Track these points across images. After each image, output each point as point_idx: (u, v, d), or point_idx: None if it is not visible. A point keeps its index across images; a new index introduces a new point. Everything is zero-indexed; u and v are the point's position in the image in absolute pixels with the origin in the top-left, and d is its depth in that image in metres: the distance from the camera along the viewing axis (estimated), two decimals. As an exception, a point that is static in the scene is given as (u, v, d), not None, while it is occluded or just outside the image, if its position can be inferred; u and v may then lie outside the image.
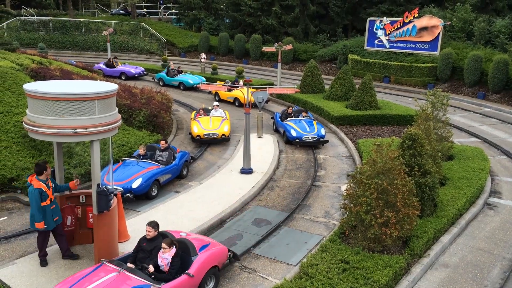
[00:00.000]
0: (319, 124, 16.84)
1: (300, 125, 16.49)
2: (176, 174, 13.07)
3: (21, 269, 8.24)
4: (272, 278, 8.58)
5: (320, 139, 15.96)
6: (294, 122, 16.74)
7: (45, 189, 8.05)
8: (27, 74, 16.77)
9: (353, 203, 8.90)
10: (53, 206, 8.26)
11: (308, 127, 16.34)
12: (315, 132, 16.02)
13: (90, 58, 35.78)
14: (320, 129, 16.27)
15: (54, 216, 8.28)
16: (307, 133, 15.95)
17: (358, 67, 30.34)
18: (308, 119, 16.97)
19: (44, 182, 8.11)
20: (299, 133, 15.97)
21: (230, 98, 22.70)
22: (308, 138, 15.82)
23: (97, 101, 7.47)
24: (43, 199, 8.03)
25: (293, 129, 16.27)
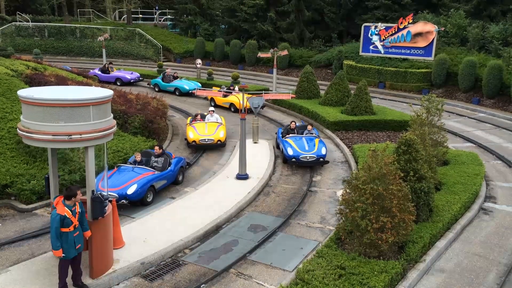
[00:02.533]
0: (321, 142, 15.33)
1: (299, 142, 15.12)
2: (172, 180, 13.03)
3: (15, 277, 8.16)
4: (268, 284, 8.54)
5: (320, 159, 14.55)
6: (294, 139, 15.40)
7: (69, 215, 7.48)
8: (21, 80, 16.71)
9: (349, 209, 8.90)
10: (77, 233, 7.66)
11: (307, 145, 14.91)
12: (314, 151, 14.61)
13: (85, 64, 35.73)
14: (321, 148, 14.79)
15: (77, 244, 7.69)
16: (305, 152, 14.55)
17: (353, 72, 30.46)
18: (310, 136, 15.64)
19: (70, 208, 7.55)
20: (296, 152, 14.60)
21: (226, 104, 22.71)
22: (306, 157, 14.42)
23: (92, 107, 7.45)
24: (66, 225, 7.47)
25: (291, 146, 14.88)
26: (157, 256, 9.14)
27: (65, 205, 7.51)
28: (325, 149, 14.88)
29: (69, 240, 7.54)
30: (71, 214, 7.52)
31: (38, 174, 11.92)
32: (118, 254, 9.03)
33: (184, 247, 9.76)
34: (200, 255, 9.49)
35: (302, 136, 15.68)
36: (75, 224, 7.61)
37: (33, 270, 8.37)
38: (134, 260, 8.89)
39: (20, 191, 11.39)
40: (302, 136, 15.62)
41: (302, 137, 15.54)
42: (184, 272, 8.87)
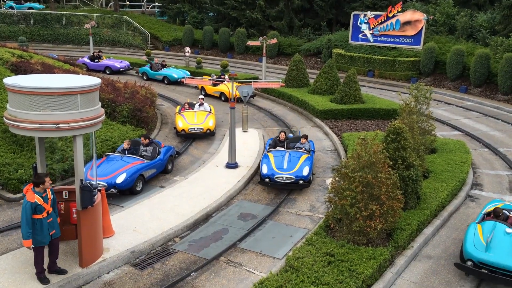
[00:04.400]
0: (308, 159, 12.63)
1: (279, 159, 12.56)
2: (161, 169, 12.99)
3: (3, 266, 8.11)
4: (258, 272, 8.60)
5: (299, 182, 11.92)
6: (276, 154, 12.89)
7: (40, 202, 7.42)
8: (7, 68, 16.42)
9: (338, 197, 8.96)
10: (50, 219, 7.62)
11: (286, 163, 12.33)
12: (293, 171, 12.00)
13: (72, 52, 35.20)
14: (303, 168, 12.13)
15: (51, 230, 7.65)
16: (282, 172, 11.94)
17: (342, 61, 30.47)
18: (298, 151, 13.09)
19: (40, 194, 7.49)
20: (271, 170, 12.04)
21: (216, 93, 22.54)
22: (281, 178, 11.86)
23: (79, 96, 7.36)
24: (38, 212, 7.41)
25: (267, 163, 12.36)
26: (147, 244, 9.14)
27: (35, 192, 7.47)
28: (308, 169, 12.12)
29: (43, 227, 7.51)
30: (42, 200, 7.48)
31: (25, 163, 11.79)
32: (108, 243, 9.01)
33: (174, 235, 9.77)
34: (190, 244, 9.51)
35: (288, 150, 13.07)
36: (48, 210, 7.59)
37: (22, 260, 8.32)
38: (124, 249, 8.89)
39: (8, 180, 11.26)
40: (288, 151, 12.99)
41: (286, 152, 12.93)
42: (174, 261, 8.89)
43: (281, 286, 7.33)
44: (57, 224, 7.83)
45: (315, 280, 7.51)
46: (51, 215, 7.68)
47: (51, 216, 7.69)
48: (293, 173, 11.99)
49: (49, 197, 7.64)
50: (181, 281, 8.24)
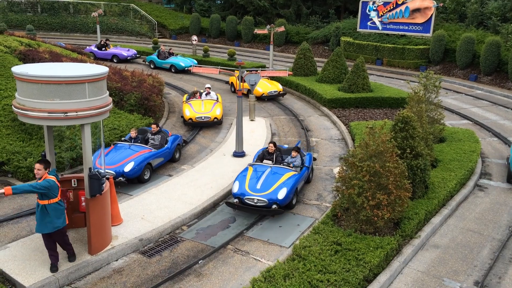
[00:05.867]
0: (290, 179, 10.53)
1: (256, 176, 10.76)
2: (169, 157, 13.03)
3: (14, 253, 8.22)
4: (265, 260, 8.65)
5: (272, 206, 9.96)
6: (256, 169, 11.10)
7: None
8: (15, 57, 16.48)
9: (345, 186, 8.95)
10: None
11: (261, 183, 10.43)
12: (266, 193, 10.09)
13: (79, 40, 35.23)
14: (279, 190, 10.13)
15: None
16: (254, 193, 10.14)
17: (350, 49, 30.20)
18: (283, 167, 11.09)
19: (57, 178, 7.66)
20: (242, 190, 10.27)
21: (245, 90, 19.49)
22: (252, 200, 10.06)
23: (87, 84, 7.37)
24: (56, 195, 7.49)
25: (242, 180, 10.62)
26: (155, 232, 9.21)
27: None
28: (285, 191, 10.12)
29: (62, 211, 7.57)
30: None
31: (34, 151, 11.89)
32: (117, 231, 9.09)
33: (182, 224, 9.83)
34: (198, 232, 9.57)
35: (273, 166, 11.21)
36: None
37: (31, 247, 8.42)
38: (133, 237, 8.97)
39: (17, 168, 11.37)
40: (272, 167, 11.14)
41: (269, 168, 11.08)
42: (182, 248, 8.96)
43: (288, 274, 7.37)
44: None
45: (322, 268, 7.53)
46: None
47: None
48: (266, 195, 10.06)
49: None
50: (188, 268, 8.31)
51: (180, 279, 8.01)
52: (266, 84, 20.86)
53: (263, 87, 20.55)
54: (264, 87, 20.62)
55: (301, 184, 11.20)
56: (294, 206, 10.73)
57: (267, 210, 10.00)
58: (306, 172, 11.56)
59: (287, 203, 10.33)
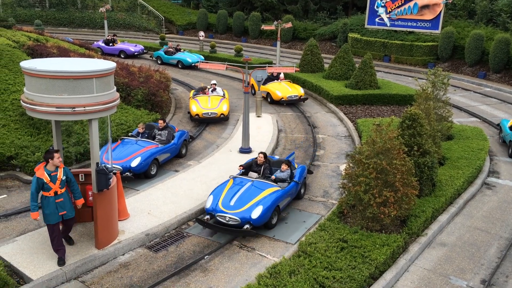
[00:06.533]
0: (270, 197, 9.48)
1: (233, 190, 9.76)
2: (175, 153, 13.06)
3: (22, 247, 8.30)
4: (271, 256, 8.66)
5: (244, 226, 8.99)
6: (236, 182, 10.11)
7: (46, 180, 7.48)
8: (23, 52, 16.57)
9: (352, 183, 8.92)
10: (60, 199, 7.64)
11: (235, 200, 9.45)
12: (240, 211, 9.14)
13: (87, 36, 35.35)
14: (254, 209, 9.14)
15: (61, 210, 7.67)
16: (226, 211, 9.21)
17: (358, 45, 30.04)
18: (266, 182, 10.06)
19: (49, 173, 7.53)
20: (215, 206, 9.38)
21: (263, 93, 19.29)
22: (224, 217, 9.17)
23: (95, 79, 7.39)
24: (45, 189, 7.52)
25: (217, 194, 9.71)
26: (161, 227, 9.25)
27: (45, 170, 7.55)
28: (260, 210, 9.08)
29: (50, 205, 7.58)
30: (49, 179, 7.52)
31: (42, 146, 11.96)
32: (123, 225, 9.14)
33: (188, 219, 9.85)
34: (204, 227, 9.59)
35: (255, 180, 10.16)
36: (56, 190, 7.58)
37: (39, 240, 8.49)
38: (139, 232, 9.01)
39: (25, 162, 11.45)
40: (254, 181, 10.10)
41: (249, 182, 10.05)
42: (188, 244, 8.99)
43: (293, 270, 7.37)
44: (69, 205, 7.84)
45: (328, 265, 7.52)
46: (61, 196, 7.67)
47: (61, 196, 7.67)
48: (239, 213, 9.08)
49: (58, 177, 7.60)
50: (194, 264, 8.33)
51: (186, 274, 8.04)
52: (286, 88, 19.31)
53: (283, 91, 18.99)
54: (284, 90, 19.07)
55: (286, 201, 10.06)
56: (274, 226, 9.57)
57: (237, 231, 8.99)
58: (294, 188, 10.32)
59: (263, 223, 9.20)
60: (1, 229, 9.23)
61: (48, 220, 7.68)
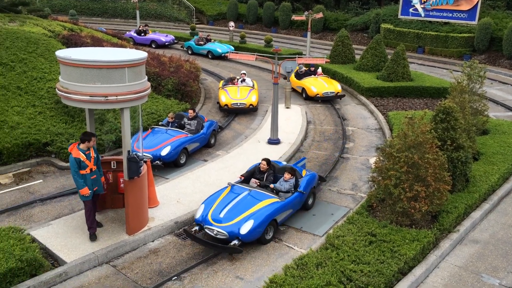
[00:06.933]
0: (265, 210, 8.59)
1: (226, 201, 8.94)
2: (204, 143, 13.17)
3: (56, 230, 8.58)
4: (298, 248, 8.65)
5: (232, 242, 8.18)
6: (232, 191, 9.27)
7: (83, 158, 7.92)
8: (59, 41, 16.98)
9: (381, 176, 8.79)
10: (94, 176, 8.15)
11: (226, 211, 8.61)
12: (230, 224, 8.32)
13: (119, 26, 35.92)
14: (245, 223, 8.28)
15: (94, 186, 8.18)
16: (214, 224, 8.42)
17: (391, 36, 29.39)
18: (264, 193, 9.14)
19: (84, 152, 7.97)
20: (204, 217, 8.63)
21: (298, 88, 19.02)
22: (212, 230, 8.39)
23: (127, 69, 7.50)
24: (82, 168, 7.95)
25: (208, 204, 8.95)
26: (190, 216, 9.36)
27: (79, 150, 7.96)
28: (250, 224, 8.24)
29: (87, 182, 8.03)
30: (85, 157, 7.97)
31: (76, 133, 12.27)
32: (153, 213, 9.31)
33: (216, 208, 9.92)
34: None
35: (252, 189, 9.26)
36: (91, 167, 8.08)
37: (73, 225, 8.76)
38: (168, 219, 9.16)
39: (60, 149, 11.79)
40: (251, 190, 9.20)
41: (245, 191, 9.16)
42: (215, 233, 9.06)
43: (320, 263, 7.34)
44: (100, 181, 8.36)
45: (356, 259, 7.46)
46: (94, 173, 8.17)
47: (95, 173, 8.19)
48: (227, 227, 8.27)
49: (92, 155, 8.09)
50: (222, 252, 8.40)
51: (213, 262, 8.13)
52: (322, 84, 18.37)
53: (318, 86, 18.08)
54: (320, 86, 18.14)
55: (286, 214, 9.10)
56: (268, 242, 8.69)
57: (222, 247, 8.11)
58: (298, 199, 9.37)
59: (254, 239, 8.36)
60: (37, 213, 9.57)
61: (86, 197, 8.07)
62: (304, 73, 19.09)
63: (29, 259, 7.16)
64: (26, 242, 7.55)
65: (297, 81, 18.94)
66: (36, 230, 8.54)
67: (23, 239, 7.62)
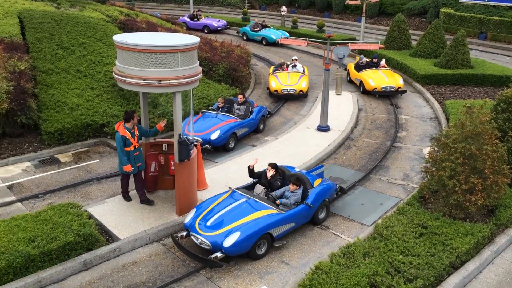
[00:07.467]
0: (257, 222, 7.66)
1: (216, 209, 8.13)
2: (253, 128, 13.24)
3: (111, 208, 8.98)
4: (344, 236, 8.56)
5: (213, 255, 7.35)
6: (231, 196, 8.55)
7: (129, 137, 8.54)
8: (116, 26, 17.55)
9: (435, 167, 8.47)
10: (137, 153, 8.78)
11: (213, 220, 7.86)
12: (215, 234, 7.56)
13: (173, 11, 36.58)
14: (231, 234, 7.44)
15: (137, 162, 8.83)
16: (200, 232, 7.70)
17: (450, 21, 27.99)
18: (260, 202, 8.20)
19: (129, 130, 8.58)
20: (193, 224, 7.93)
21: (357, 81, 17.87)
22: (197, 239, 7.73)
23: (180, 54, 7.64)
24: (127, 145, 8.57)
25: (200, 210, 8.21)
26: (237, 200, 9.45)
27: (126, 128, 8.58)
28: (235, 237, 7.35)
29: (130, 158, 8.68)
30: (130, 135, 8.58)
31: (130, 116, 12.69)
32: (202, 195, 9.50)
33: (263, 193, 9.98)
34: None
35: (250, 197, 8.37)
36: (135, 144, 8.67)
37: (126, 203, 9.13)
38: (216, 202, 9.30)
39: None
40: (249, 198, 8.33)
41: (243, 199, 8.33)
42: (262, 217, 9.12)
43: (368, 252, 7.23)
44: (142, 157, 9.02)
45: (405, 250, 7.28)
46: (137, 149, 8.80)
47: (138, 150, 8.82)
48: (212, 237, 7.53)
49: (136, 133, 8.70)
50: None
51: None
52: (382, 77, 16.76)
53: (377, 80, 16.57)
54: (378, 79, 16.60)
55: (285, 228, 8.11)
56: (260, 257, 7.76)
57: (202, 259, 7.38)
58: (302, 212, 8.35)
59: (240, 253, 7.49)
60: (93, 191, 10.06)
61: (128, 173, 8.80)
62: (365, 64, 17.88)
63: (86, 234, 7.56)
64: (84, 218, 7.98)
65: (356, 73, 17.74)
66: (93, 207, 8.98)
67: (80, 215, 8.05)
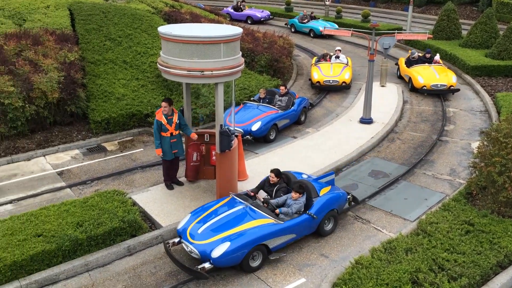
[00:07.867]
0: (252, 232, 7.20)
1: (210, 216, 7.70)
2: (294, 119, 13.16)
3: (154, 196, 9.22)
4: (386, 231, 8.39)
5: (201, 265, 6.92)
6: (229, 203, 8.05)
7: (164, 122, 8.83)
8: (161, 17, 17.89)
9: (484, 163, 8.12)
10: (174, 140, 9.00)
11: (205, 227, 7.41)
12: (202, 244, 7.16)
13: (217, 2, 36.75)
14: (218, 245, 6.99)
15: (173, 149, 9.07)
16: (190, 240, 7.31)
17: (504, 10, 26.54)
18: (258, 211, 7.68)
19: (166, 116, 8.85)
20: (184, 231, 7.54)
21: (406, 76, 16.86)
22: (187, 247, 7.37)
23: (222, 45, 7.68)
24: (163, 130, 8.87)
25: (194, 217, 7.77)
26: (277, 191, 9.46)
27: (163, 114, 8.88)
28: (224, 248, 6.91)
29: (165, 143, 8.96)
30: (166, 121, 8.85)
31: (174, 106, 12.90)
32: (242, 185, 9.58)
33: (304, 185, 9.93)
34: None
35: (249, 205, 7.84)
36: (172, 131, 8.92)
37: (169, 192, 9.35)
38: (256, 193, 9.35)
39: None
40: (248, 206, 7.82)
41: (240, 206, 7.85)
42: (302, 209, 9.09)
43: (410, 248, 7.06)
44: (181, 145, 9.20)
45: (450, 247, 7.05)
46: (175, 137, 9.02)
47: (176, 137, 9.03)
48: (201, 246, 7.09)
49: (174, 120, 8.92)
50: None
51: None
52: (433, 74, 15.63)
53: (427, 77, 15.45)
54: (428, 76, 15.48)
55: (284, 239, 7.55)
56: (255, 270, 7.29)
57: (188, 269, 6.97)
58: (305, 223, 7.76)
59: (230, 265, 7.06)
60: (138, 179, 10.36)
61: (165, 157, 9.11)
62: (416, 59, 16.70)
63: (130, 221, 7.81)
64: (128, 205, 8.24)
65: (406, 68, 16.67)
66: (137, 194, 9.26)
67: (125, 202, 8.32)
